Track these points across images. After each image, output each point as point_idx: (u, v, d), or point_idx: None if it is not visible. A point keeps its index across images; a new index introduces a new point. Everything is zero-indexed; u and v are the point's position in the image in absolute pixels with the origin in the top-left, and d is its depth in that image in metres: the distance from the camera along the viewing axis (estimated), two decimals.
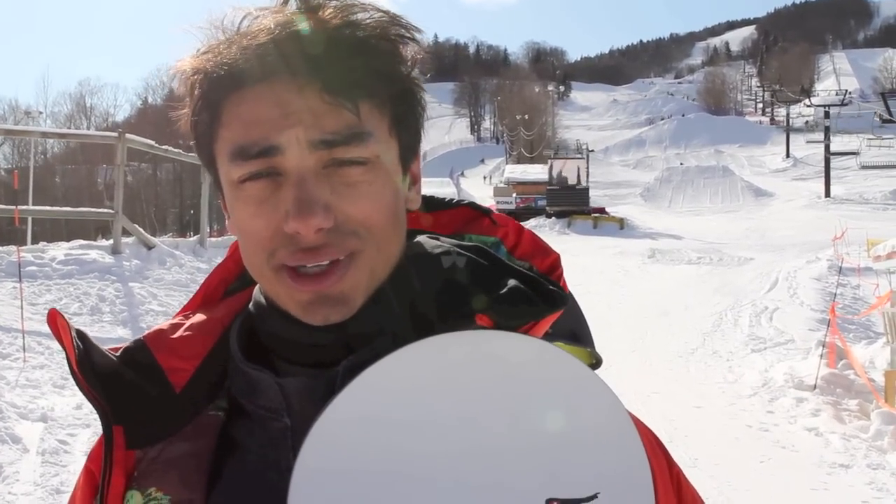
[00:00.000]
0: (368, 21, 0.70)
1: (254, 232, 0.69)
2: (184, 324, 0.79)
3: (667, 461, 0.80)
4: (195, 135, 0.73)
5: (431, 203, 0.85)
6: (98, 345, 0.76)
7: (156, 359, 0.76)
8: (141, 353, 0.76)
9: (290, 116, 0.66)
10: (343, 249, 0.68)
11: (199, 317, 0.80)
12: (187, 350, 0.77)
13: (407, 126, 0.73)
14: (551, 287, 0.74)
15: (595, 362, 0.82)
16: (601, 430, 0.62)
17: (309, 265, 0.67)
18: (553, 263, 0.79)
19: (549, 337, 0.76)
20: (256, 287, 0.77)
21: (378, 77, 0.69)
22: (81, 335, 0.75)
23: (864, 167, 50.22)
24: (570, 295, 0.81)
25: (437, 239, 0.79)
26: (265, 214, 0.67)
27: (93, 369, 0.74)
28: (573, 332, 0.80)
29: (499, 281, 0.73)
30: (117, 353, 0.76)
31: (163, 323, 0.81)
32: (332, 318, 0.69)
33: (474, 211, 0.84)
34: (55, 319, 0.75)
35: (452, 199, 0.86)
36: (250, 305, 0.78)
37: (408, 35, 0.72)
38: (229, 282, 0.85)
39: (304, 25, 0.67)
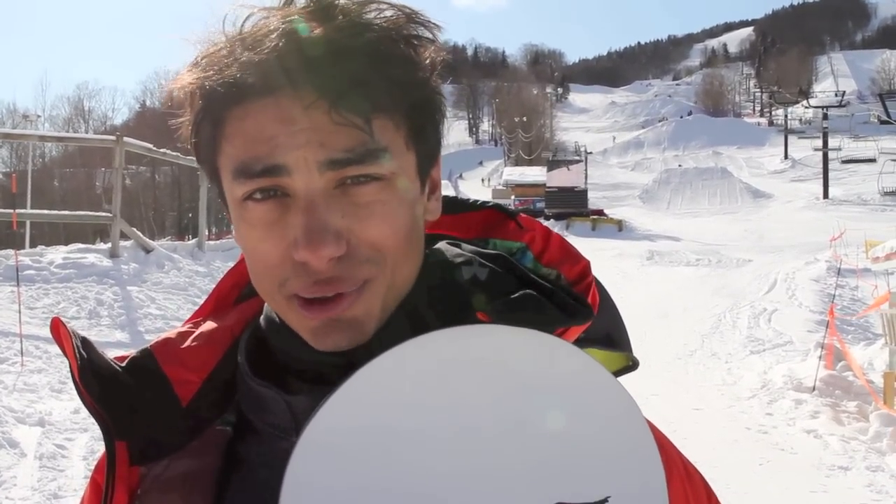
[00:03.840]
0: (381, 22, 0.63)
1: (261, 256, 0.65)
2: (192, 332, 0.76)
3: (706, 491, 0.77)
4: (197, 146, 0.68)
5: (455, 205, 0.80)
6: (103, 353, 0.72)
7: (163, 370, 0.72)
8: (147, 363, 0.72)
9: (297, 135, 0.61)
10: (356, 280, 0.63)
11: (209, 325, 0.77)
12: (195, 361, 0.73)
13: (425, 135, 0.68)
14: (571, 300, 0.69)
15: (631, 365, 0.78)
16: (612, 430, 0.59)
17: (321, 296, 0.64)
18: (583, 271, 0.73)
19: (581, 342, 0.72)
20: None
21: (393, 87, 0.63)
22: (86, 343, 0.71)
23: (887, 194, 45.08)
24: (608, 295, 0.77)
25: (459, 246, 0.75)
26: (273, 239, 0.63)
27: (96, 380, 0.70)
28: (609, 335, 0.76)
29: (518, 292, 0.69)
30: (123, 363, 0.72)
31: (171, 331, 0.77)
32: (342, 345, 0.65)
33: (499, 213, 0.79)
34: (58, 328, 0.71)
35: (477, 201, 0.81)
36: (261, 319, 0.74)
37: (426, 35, 0.66)
38: (242, 286, 0.81)
39: (310, 33, 0.61)
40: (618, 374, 0.78)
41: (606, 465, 0.59)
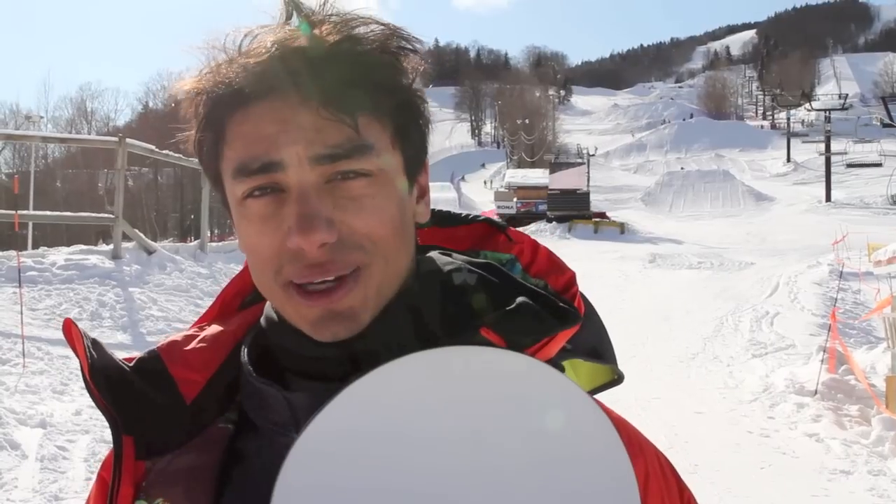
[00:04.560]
0: (368, 35, 0.70)
1: (259, 249, 0.69)
2: (198, 335, 0.80)
3: (678, 486, 0.80)
4: (200, 154, 0.73)
5: (447, 218, 0.85)
6: (112, 353, 0.77)
7: (168, 370, 0.76)
8: (154, 364, 0.76)
9: (290, 133, 0.66)
10: (348, 264, 0.67)
11: (214, 329, 0.81)
12: (200, 362, 0.77)
13: (410, 138, 0.73)
14: (562, 305, 0.74)
15: (616, 378, 0.83)
16: (586, 448, 0.62)
17: (315, 281, 0.67)
18: (568, 281, 0.78)
19: (568, 353, 0.77)
20: (268, 301, 0.77)
21: (377, 90, 0.69)
22: (96, 344, 0.76)
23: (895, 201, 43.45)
24: (594, 310, 0.81)
25: (450, 255, 0.79)
26: (269, 231, 0.68)
27: (105, 379, 0.74)
28: (594, 348, 0.80)
29: (509, 298, 0.73)
30: (131, 363, 0.76)
31: (176, 334, 0.81)
32: (341, 335, 0.69)
33: (490, 227, 0.84)
34: (70, 329, 0.75)
35: (469, 215, 0.86)
36: (261, 319, 0.78)
37: (409, 47, 0.72)
38: (245, 294, 0.85)
39: (302, 42, 0.68)
40: (604, 387, 0.83)
41: (579, 477, 0.62)
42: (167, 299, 8.74)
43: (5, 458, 4.50)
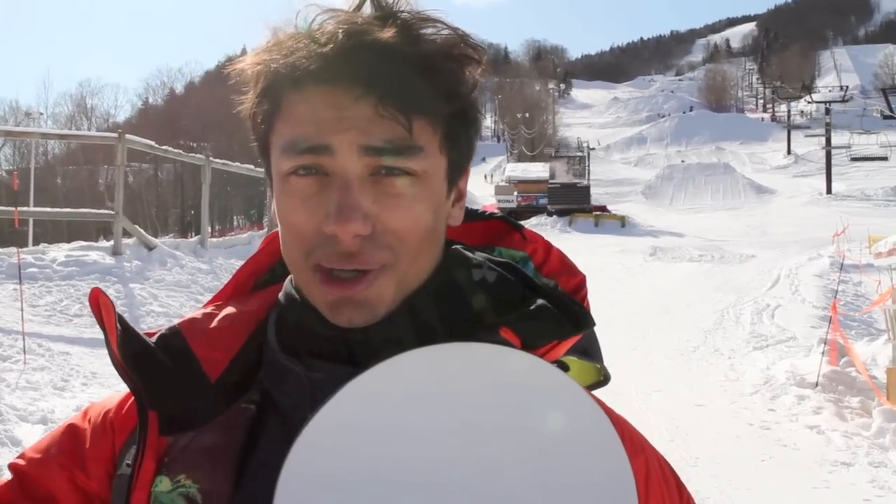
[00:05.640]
0: (435, 37, 0.71)
1: (295, 226, 0.71)
2: (217, 314, 0.81)
3: (677, 487, 0.81)
4: (254, 122, 0.75)
5: (465, 214, 0.86)
6: (136, 329, 0.78)
7: (191, 348, 0.77)
8: (176, 341, 0.78)
9: (345, 121, 0.68)
10: (375, 262, 0.69)
11: (232, 309, 0.82)
12: (223, 342, 0.78)
13: (458, 144, 0.74)
14: (576, 309, 0.76)
15: (603, 379, 0.85)
16: (585, 446, 0.64)
17: (342, 269, 0.69)
18: (579, 284, 0.81)
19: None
20: (288, 278, 0.78)
21: (436, 95, 0.70)
22: (120, 317, 0.77)
23: None
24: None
25: (471, 251, 0.81)
26: (308, 211, 0.70)
27: (132, 353, 0.75)
28: (584, 348, 0.82)
29: (527, 298, 0.76)
30: (153, 339, 0.78)
31: (195, 312, 0.82)
32: (356, 321, 0.70)
33: (506, 225, 0.87)
34: (97, 298, 0.76)
35: (486, 212, 0.89)
36: (280, 295, 0.79)
37: (474, 56, 0.73)
38: (260, 274, 0.87)
39: (371, 36, 0.68)
40: (592, 388, 0.84)
41: (579, 471, 0.63)
42: (168, 295, 8.75)
43: (6, 455, 4.51)
